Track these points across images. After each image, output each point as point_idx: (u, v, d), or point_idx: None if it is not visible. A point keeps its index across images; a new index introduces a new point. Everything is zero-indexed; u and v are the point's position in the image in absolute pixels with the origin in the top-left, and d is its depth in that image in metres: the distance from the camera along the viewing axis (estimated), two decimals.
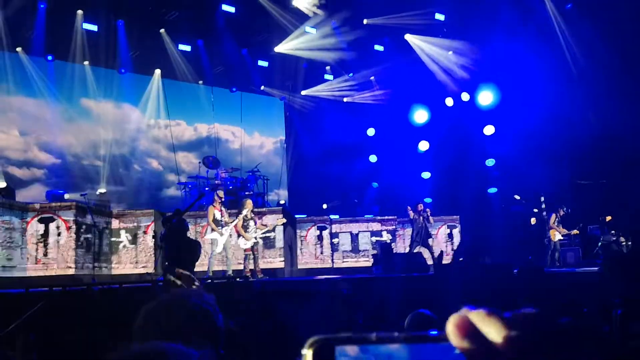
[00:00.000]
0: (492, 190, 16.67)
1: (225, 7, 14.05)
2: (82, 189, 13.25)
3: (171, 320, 1.30)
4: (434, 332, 0.49)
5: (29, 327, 5.51)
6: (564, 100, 14.43)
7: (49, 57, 14.25)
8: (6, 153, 13.87)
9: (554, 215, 13.41)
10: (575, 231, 13.47)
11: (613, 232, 13.30)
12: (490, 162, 16.89)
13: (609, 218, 13.56)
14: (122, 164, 15.47)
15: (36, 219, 10.15)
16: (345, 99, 18.54)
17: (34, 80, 14.26)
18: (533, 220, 14.21)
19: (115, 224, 11.76)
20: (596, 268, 9.60)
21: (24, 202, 10.60)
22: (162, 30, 14.88)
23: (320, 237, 13.35)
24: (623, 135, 13.48)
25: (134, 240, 11.73)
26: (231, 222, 10.83)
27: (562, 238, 13.37)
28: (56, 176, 14.35)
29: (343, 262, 13.68)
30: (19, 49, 13.89)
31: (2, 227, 9.39)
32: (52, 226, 10.20)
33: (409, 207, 12.82)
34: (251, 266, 10.70)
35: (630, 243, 12.76)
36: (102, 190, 14.64)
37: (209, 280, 8.97)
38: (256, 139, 18.36)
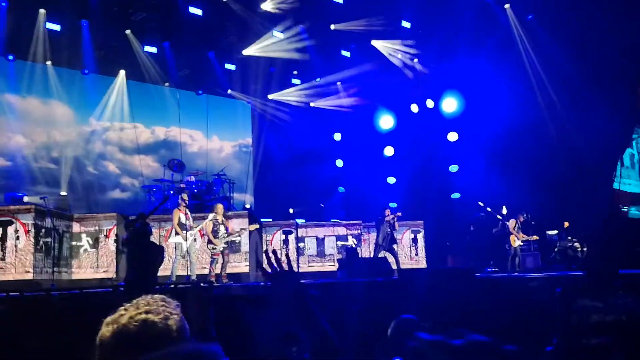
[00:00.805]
0: (455, 195, 16.92)
1: (193, 10, 13.93)
2: (37, 192, 12.97)
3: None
4: None
5: None
6: (525, 109, 14.76)
7: (10, 57, 13.91)
8: None
9: (513, 221, 13.68)
10: (534, 237, 13.76)
11: (569, 238, 13.67)
12: (453, 168, 17.15)
13: (566, 224, 13.92)
14: (76, 166, 15.11)
15: None
16: (311, 104, 18.59)
17: None
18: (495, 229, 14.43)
19: (76, 227, 11.54)
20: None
21: None
22: (127, 31, 14.66)
23: (286, 241, 13.33)
24: (580, 144, 13.87)
25: (95, 244, 11.52)
26: (196, 226, 10.74)
27: (521, 244, 13.65)
28: (6, 178, 13.93)
29: (309, 266, 13.70)
30: None
31: None
32: (10, 229, 9.95)
33: (387, 210, 12.89)
34: (217, 270, 10.62)
35: (585, 249, 13.13)
36: (63, 192, 14.32)
37: (172, 285, 8.86)
38: (215, 142, 18.16)
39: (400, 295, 7.63)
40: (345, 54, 16.76)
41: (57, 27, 13.72)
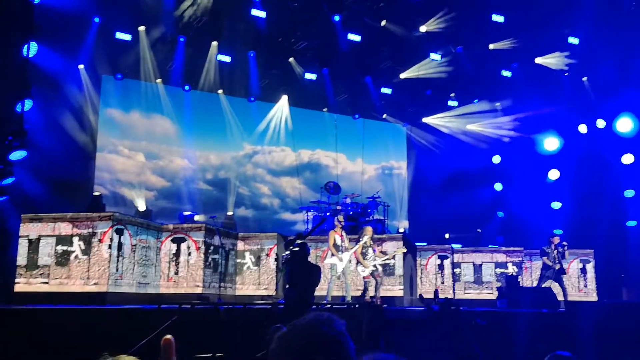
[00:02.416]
0: (632, 223, 15.38)
1: (351, 36, 14.32)
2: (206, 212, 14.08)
3: (303, 347, 1.31)
4: None
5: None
6: None
7: (186, 87, 15.32)
8: (119, 175, 14.90)
9: None
10: None
11: None
12: (629, 193, 15.63)
13: None
14: (230, 188, 16.13)
15: (169, 238, 10.79)
16: (467, 127, 18.07)
17: (168, 107, 15.41)
18: None
19: (240, 245, 12.22)
20: None
21: (160, 223, 11.32)
22: (291, 59, 15.45)
23: (441, 267, 12.99)
24: None
25: (257, 262, 12.10)
26: (351, 248, 10.85)
27: None
28: (165, 197, 15.25)
29: (465, 293, 13.20)
30: (158, 81, 15.03)
31: (140, 245, 10.07)
32: (183, 246, 10.78)
33: (556, 237, 12.12)
34: (371, 293, 10.61)
35: None
36: (229, 212, 15.33)
37: (328, 305, 9.01)
38: (358, 165, 18.35)
39: (566, 330, 7.05)
40: (506, 73, 16.10)
41: (227, 59, 14.86)
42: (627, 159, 15.65)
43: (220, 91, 15.90)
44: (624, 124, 15.58)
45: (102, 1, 12.74)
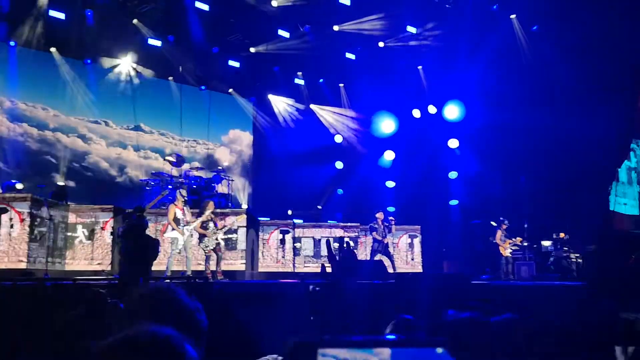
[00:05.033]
0: (454, 202, 16.89)
1: (198, 4, 13.90)
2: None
3: (161, 309, 1.24)
4: (419, 336, 0.45)
5: None
6: (524, 117, 14.72)
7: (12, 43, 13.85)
8: None
9: (498, 232, 13.62)
10: (518, 239, 13.67)
11: (565, 248, 13.65)
12: (452, 174, 17.13)
13: (562, 235, 13.90)
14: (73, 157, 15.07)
15: None
16: (311, 106, 18.52)
17: None
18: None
19: (72, 218, 11.43)
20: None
21: None
22: (134, 21, 14.64)
23: (282, 241, 13.25)
24: (578, 154, 13.90)
25: (90, 235, 11.41)
26: (193, 222, 10.63)
27: (511, 251, 13.61)
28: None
29: (304, 266, 13.62)
30: None
31: None
32: (4, 217, 9.84)
33: (380, 213, 12.87)
34: (212, 267, 10.51)
35: (581, 261, 13.12)
36: (60, 182, 14.18)
37: (168, 280, 8.77)
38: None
39: (399, 298, 7.59)
40: (350, 56, 16.70)
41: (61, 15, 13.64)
42: (453, 143, 17.10)
43: (53, 49, 14.54)
44: (452, 111, 16.98)
45: None
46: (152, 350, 1.05)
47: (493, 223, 13.93)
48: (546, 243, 14.45)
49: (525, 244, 13.82)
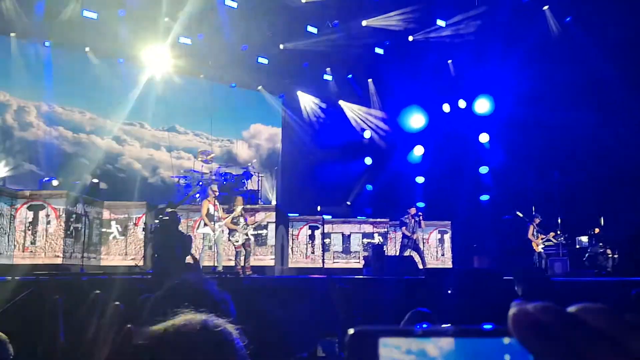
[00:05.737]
0: (484, 197, 16.70)
1: (228, 2, 14.01)
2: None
3: (192, 299, 1.28)
4: (487, 326, 0.46)
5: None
6: (558, 112, 14.48)
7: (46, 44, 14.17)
8: None
9: (531, 227, 13.38)
10: (551, 234, 13.43)
11: (601, 244, 13.38)
12: (483, 169, 16.94)
13: (597, 230, 13.63)
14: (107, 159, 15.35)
15: (25, 206, 10.03)
16: (340, 102, 18.51)
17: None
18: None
19: (106, 214, 11.66)
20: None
21: (14, 189, 10.47)
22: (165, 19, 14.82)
23: (312, 237, 13.30)
24: (614, 149, 13.58)
25: (124, 231, 11.63)
26: (224, 218, 10.76)
27: (544, 246, 13.38)
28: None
29: (334, 262, 13.65)
30: (12, 34, 13.74)
31: None
32: (41, 214, 10.09)
33: (412, 209, 12.82)
34: (242, 263, 10.63)
35: (616, 256, 12.85)
36: (95, 180, 14.46)
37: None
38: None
39: (427, 294, 7.56)
40: (379, 51, 16.63)
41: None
42: (484, 137, 16.91)
43: (87, 49, 14.83)
44: (482, 105, 16.79)
45: None
46: (203, 338, 1.08)
47: (519, 214, 13.71)
48: (583, 239, 14.20)
49: (560, 239, 13.58)
